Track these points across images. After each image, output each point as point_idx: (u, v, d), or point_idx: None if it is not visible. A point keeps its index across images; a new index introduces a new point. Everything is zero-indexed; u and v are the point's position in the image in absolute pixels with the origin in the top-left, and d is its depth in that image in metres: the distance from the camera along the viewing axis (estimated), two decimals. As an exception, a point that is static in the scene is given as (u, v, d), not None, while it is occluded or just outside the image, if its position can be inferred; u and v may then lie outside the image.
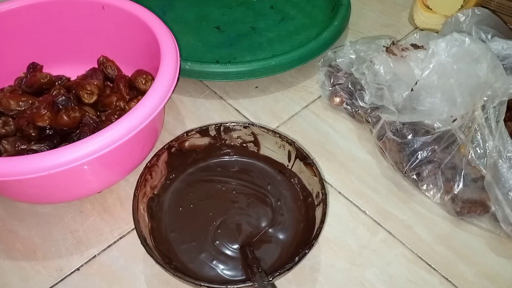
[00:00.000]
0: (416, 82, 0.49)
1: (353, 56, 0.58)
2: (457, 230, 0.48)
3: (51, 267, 0.45)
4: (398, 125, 0.50)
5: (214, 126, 0.49)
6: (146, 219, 0.45)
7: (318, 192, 0.45)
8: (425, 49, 0.50)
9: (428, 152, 0.49)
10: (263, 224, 0.47)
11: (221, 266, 0.44)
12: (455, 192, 0.48)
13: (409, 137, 0.50)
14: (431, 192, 0.49)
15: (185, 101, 0.61)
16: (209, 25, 0.70)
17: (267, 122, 0.58)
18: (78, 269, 0.45)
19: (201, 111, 0.60)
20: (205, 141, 0.50)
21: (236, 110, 0.60)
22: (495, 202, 0.45)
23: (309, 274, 0.45)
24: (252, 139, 0.50)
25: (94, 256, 0.46)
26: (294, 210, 0.48)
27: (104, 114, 0.52)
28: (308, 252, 0.40)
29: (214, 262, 0.44)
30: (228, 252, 0.44)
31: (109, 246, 0.47)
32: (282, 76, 0.63)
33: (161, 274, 0.43)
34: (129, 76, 0.56)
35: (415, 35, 0.55)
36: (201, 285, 0.38)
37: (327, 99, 0.59)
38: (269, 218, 0.47)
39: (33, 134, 0.49)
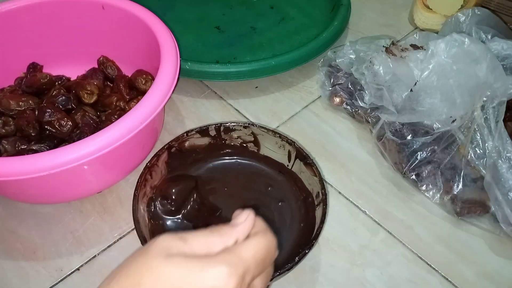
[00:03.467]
0: (416, 83, 0.49)
1: (352, 56, 0.58)
2: (457, 230, 0.48)
3: (51, 267, 0.45)
4: (398, 125, 0.50)
5: (214, 126, 0.49)
6: (146, 219, 0.45)
7: (318, 192, 0.45)
8: (425, 49, 0.50)
9: (427, 152, 0.49)
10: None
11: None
12: (455, 193, 0.48)
13: (409, 137, 0.50)
14: (431, 193, 0.49)
15: (185, 101, 0.61)
16: (209, 25, 0.70)
17: (267, 122, 0.58)
18: (78, 269, 0.45)
19: (201, 111, 0.60)
20: (205, 141, 0.50)
21: (236, 110, 0.60)
22: (495, 202, 0.45)
23: (309, 274, 0.45)
24: (252, 139, 0.50)
25: (94, 256, 0.46)
26: (294, 210, 0.48)
27: (104, 114, 0.52)
28: (308, 252, 0.40)
29: None
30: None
31: (109, 246, 0.47)
32: (282, 76, 0.63)
33: (161, 274, 0.43)
34: (129, 76, 0.56)
35: (414, 36, 0.55)
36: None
37: (327, 99, 0.59)
38: (270, 219, 0.47)
39: (33, 134, 0.49)
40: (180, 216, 0.47)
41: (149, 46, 0.52)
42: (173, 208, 0.46)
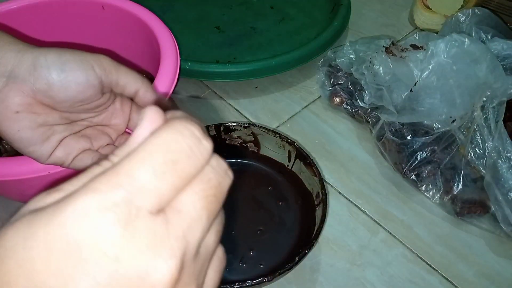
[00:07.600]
0: (416, 83, 0.49)
1: (352, 56, 0.58)
2: (457, 230, 0.48)
3: (51, 267, 0.45)
4: (398, 125, 0.50)
5: (214, 126, 0.49)
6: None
7: (318, 192, 0.45)
8: (425, 49, 0.50)
9: (427, 152, 0.49)
10: (264, 225, 0.47)
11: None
12: (455, 193, 0.48)
13: (409, 137, 0.50)
14: (431, 193, 0.49)
15: (185, 101, 0.61)
16: (209, 25, 0.70)
17: (267, 122, 0.58)
18: (78, 269, 0.45)
19: (201, 111, 0.60)
20: (205, 141, 0.50)
21: (236, 110, 0.60)
22: (495, 202, 0.45)
23: (309, 274, 0.45)
24: (252, 139, 0.50)
25: (94, 256, 0.46)
26: (294, 210, 0.48)
27: (104, 114, 0.52)
28: (308, 252, 0.40)
29: None
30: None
31: (109, 246, 0.47)
32: (282, 76, 0.63)
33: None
34: (129, 76, 0.56)
35: (414, 36, 0.55)
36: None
37: (327, 99, 0.59)
38: (270, 219, 0.47)
39: (33, 134, 0.49)
40: None
41: (149, 46, 0.52)
42: None
